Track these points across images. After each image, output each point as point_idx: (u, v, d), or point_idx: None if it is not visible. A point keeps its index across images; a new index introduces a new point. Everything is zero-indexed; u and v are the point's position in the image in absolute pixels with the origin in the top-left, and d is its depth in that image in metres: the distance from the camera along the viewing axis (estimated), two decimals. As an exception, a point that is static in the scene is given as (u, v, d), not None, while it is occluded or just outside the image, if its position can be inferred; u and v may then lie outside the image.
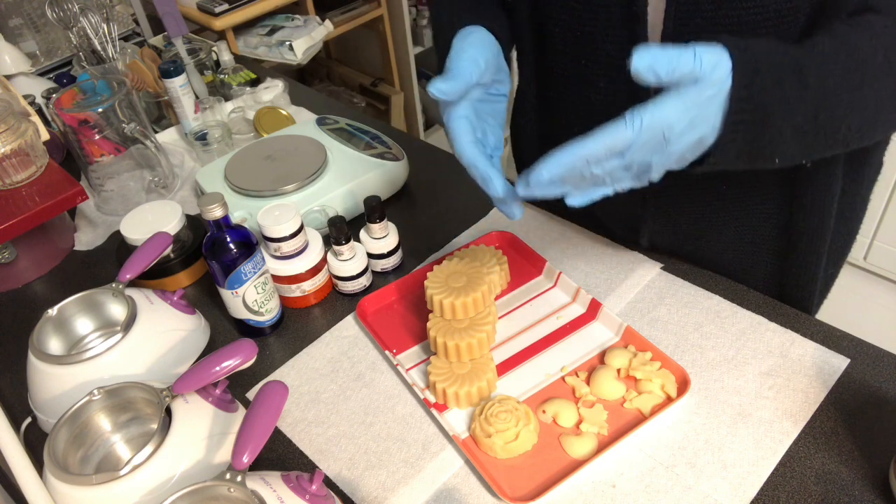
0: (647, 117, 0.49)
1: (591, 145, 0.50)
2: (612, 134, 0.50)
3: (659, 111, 0.49)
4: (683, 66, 0.48)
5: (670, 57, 0.48)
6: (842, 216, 0.78)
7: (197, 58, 1.24)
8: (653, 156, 0.51)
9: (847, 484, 0.60)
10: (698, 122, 0.50)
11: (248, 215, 0.90)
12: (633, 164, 0.52)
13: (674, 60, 0.48)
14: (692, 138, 0.51)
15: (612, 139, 0.50)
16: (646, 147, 0.50)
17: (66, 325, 0.76)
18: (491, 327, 0.71)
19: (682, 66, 0.48)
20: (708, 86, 0.49)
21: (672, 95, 0.49)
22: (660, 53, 0.47)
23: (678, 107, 0.49)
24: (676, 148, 0.51)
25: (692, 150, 0.52)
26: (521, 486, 0.62)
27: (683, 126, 0.49)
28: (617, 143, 0.50)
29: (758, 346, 0.72)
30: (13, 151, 0.89)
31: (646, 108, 0.49)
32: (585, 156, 0.51)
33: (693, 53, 0.48)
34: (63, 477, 0.58)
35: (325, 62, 2.70)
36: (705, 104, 0.49)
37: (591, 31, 0.66)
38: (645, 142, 0.50)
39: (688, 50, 0.48)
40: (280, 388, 0.58)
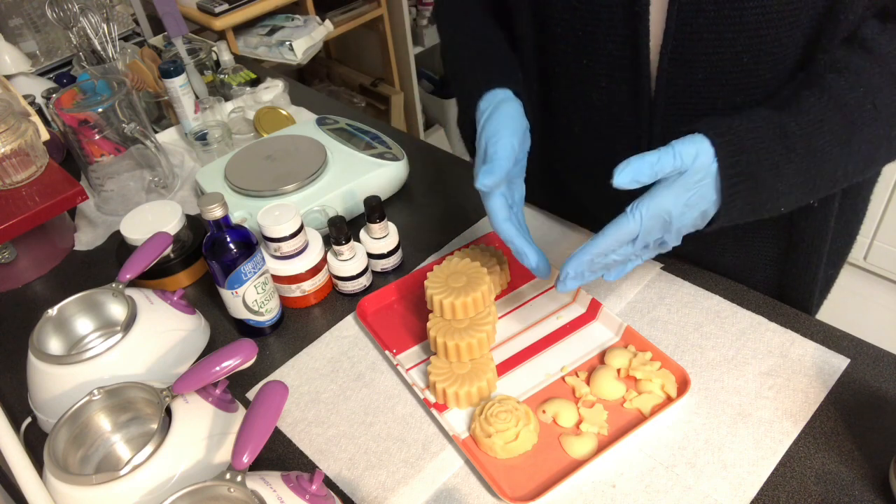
0: (646, 209, 0.57)
1: (604, 242, 0.59)
2: (619, 229, 0.58)
3: (655, 202, 0.56)
4: (665, 167, 0.55)
5: (651, 163, 0.54)
6: (842, 216, 0.78)
7: (197, 58, 1.24)
8: (663, 234, 0.59)
9: (847, 484, 0.60)
10: (695, 202, 0.57)
11: (248, 215, 0.90)
12: (648, 243, 0.60)
13: (655, 165, 0.54)
14: (693, 215, 0.58)
15: (620, 234, 0.58)
16: (653, 231, 0.58)
17: (66, 325, 0.76)
18: (491, 327, 0.71)
19: (663, 168, 0.55)
20: (694, 173, 0.56)
21: (664, 186, 0.56)
22: (639, 164, 0.54)
23: (672, 195, 0.56)
24: (681, 225, 0.58)
25: (698, 222, 0.59)
26: (521, 486, 0.62)
27: (681, 208, 0.57)
28: (625, 236, 0.58)
29: (758, 346, 0.72)
30: (13, 151, 0.89)
31: (643, 201, 0.57)
32: (600, 252, 0.60)
33: (672, 153, 0.55)
34: (63, 477, 0.58)
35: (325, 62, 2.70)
36: (696, 187, 0.56)
37: (592, 30, 0.66)
38: (650, 228, 0.58)
39: (666, 151, 0.55)
40: (280, 388, 0.58)
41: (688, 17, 0.60)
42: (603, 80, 0.69)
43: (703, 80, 0.64)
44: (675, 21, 0.60)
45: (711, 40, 0.60)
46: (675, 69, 0.64)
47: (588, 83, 0.71)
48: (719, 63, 0.62)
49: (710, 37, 0.60)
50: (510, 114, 0.67)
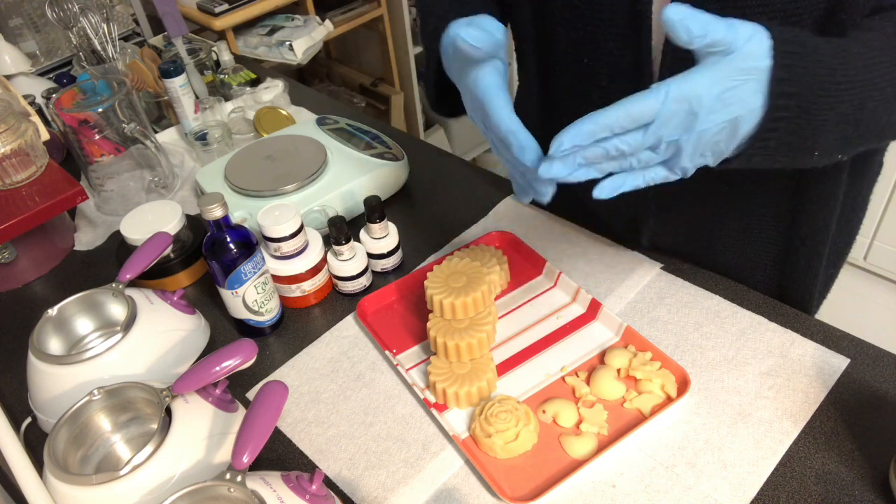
0: (675, 87, 0.46)
1: (614, 112, 0.47)
2: (636, 102, 0.47)
3: (687, 81, 0.46)
4: (716, 31, 0.45)
5: (705, 19, 0.45)
6: (843, 216, 0.78)
7: (197, 58, 1.24)
8: (681, 134, 0.48)
9: (847, 484, 0.60)
10: (731, 100, 0.47)
11: (248, 215, 0.90)
12: (661, 142, 0.48)
13: (708, 23, 0.45)
14: (724, 117, 0.47)
15: (635, 107, 0.47)
16: (673, 121, 0.47)
17: (66, 325, 0.76)
18: (491, 327, 0.71)
19: (715, 31, 0.45)
20: (741, 58, 0.46)
21: (702, 66, 0.46)
22: (695, 12, 0.45)
23: (708, 78, 0.46)
24: (706, 126, 0.47)
25: (726, 135, 0.49)
26: (521, 486, 0.62)
27: (713, 100, 0.46)
28: (641, 111, 0.47)
29: (758, 346, 0.72)
30: (13, 151, 0.89)
31: (674, 79, 0.46)
32: (607, 124, 0.48)
33: (727, 22, 0.46)
34: (63, 477, 0.58)
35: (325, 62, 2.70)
36: (739, 79, 0.46)
37: (594, 29, 0.66)
38: (671, 114, 0.47)
39: (722, 19, 0.46)
40: (280, 388, 0.58)
41: None
42: (604, 79, 0.69)
43: None
44: None
45: None
46: (676, 69, 0.63)
47: (589, 83, 0.71)
48: None
49: None
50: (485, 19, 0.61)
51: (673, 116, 0.47)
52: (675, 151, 0.49)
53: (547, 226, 0.91)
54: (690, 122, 0.47)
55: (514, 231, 0.89)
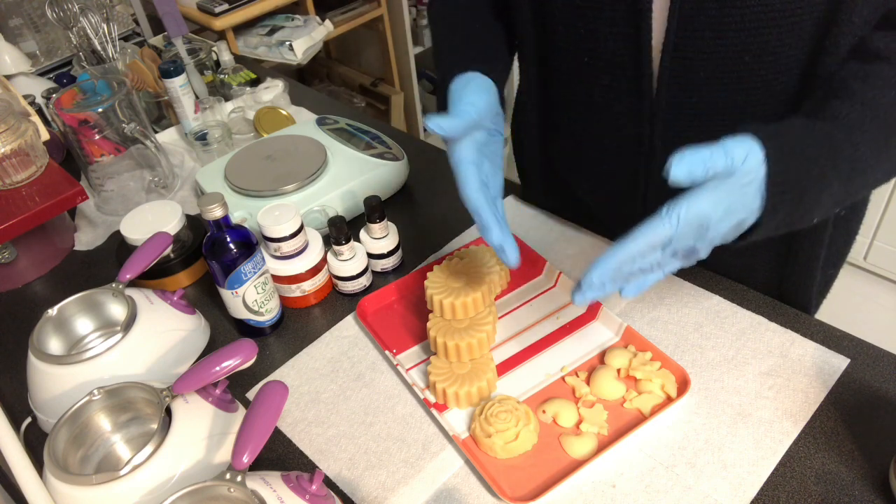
0: (685, 212, 0.51)
1: (634, 245, 0.53)
2: (652, 231, 0.52)
3: (695, 205, 0.51)
4: (717, 164, 0.50)
5: (704, 158, 0.49)
6: (843, 216, 0.78)
7: (197, 58, 1.24)
8: (695, 242, 0.53)
9: (847, 484, 0.60)
10: (735, 209, 0.52)
11: (248, 215, 0.90)
12: (677, 251, 0.54)
13: (707, 162, 0.49)
14: (731, 223, 0.53)
15: (653, 236, 0.52)
16: (686, 237, 0.52)
17: (66, 325, 0.76)
18: (491, 327, 0.71)
19: (715, 166, 0.50)
20: (741, 176, 0.51)
21: (707, 188, 0.51)
22: (694, 158, 0.49)
23: (713, 198, 0.51)
24: (716, 233, 0.53)
25: (732, 232, 0.54)
26: (521, 486, 0.62)
27: (720, 214, 0.51)
28: (658, 239, 0.52)
29: (758, 346, 0.72)
30: (13, 151, 0.89)
31: (682, 203, 0.51)
32: (630, 255, 0.54)
33: (724, 151, 0.50)
34: (63, 477, 0.58)
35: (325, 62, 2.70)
36: (740, 192, 0.51)
37: (594, 28, 0.66)
38: (684, 234, 0.52)
39: (718, 148, 0.50)
40: (280, 388, 0.58)
41: (690, 15, 0.60)
42: (604, 78, 0.69)
43: (704, 79, 0.64)
44: (677, 19, 0.60)
45: (713, 39, 0.60)
46: (676, 67, 0.64)
47: (589, 81, 0.71)
48: (721, 62, 0.62)
49: (711, 35, 0.60)
50: (477, 84, 0.65)
51: (686, 234, 0.52)
52: (690, 252, 0.55)
53: (547, 226, 0.91)
54: (702, 233, 0.52)
55: (515, 231, 0.89)
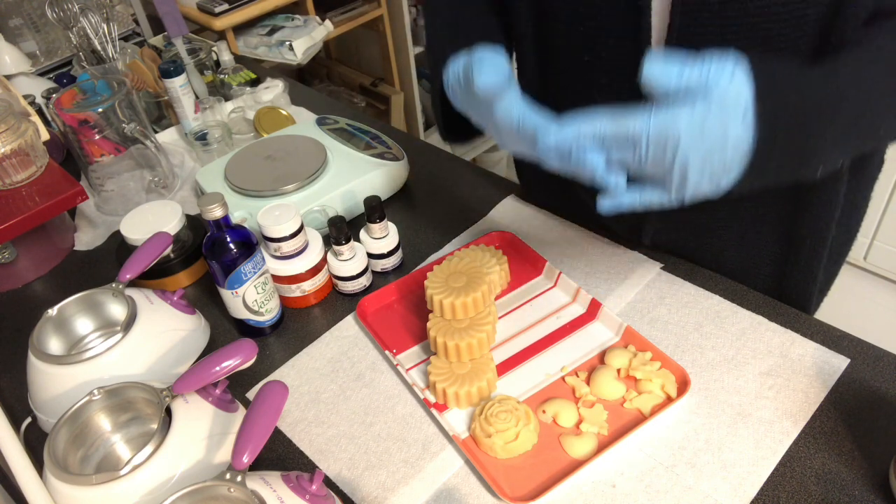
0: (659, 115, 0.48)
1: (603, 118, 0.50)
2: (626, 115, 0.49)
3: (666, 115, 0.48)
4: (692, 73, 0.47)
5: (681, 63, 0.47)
6: (843, 214, 0.78)
7: (197, 58, 1.24)
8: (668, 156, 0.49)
9: (847, 484, 0.60)
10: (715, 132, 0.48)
11: (248, 215, 0.90)
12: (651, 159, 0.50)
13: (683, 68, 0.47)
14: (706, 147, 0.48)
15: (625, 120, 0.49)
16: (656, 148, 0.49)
17: (66, 325, 0.76)
18: (491, 327, 0.71)
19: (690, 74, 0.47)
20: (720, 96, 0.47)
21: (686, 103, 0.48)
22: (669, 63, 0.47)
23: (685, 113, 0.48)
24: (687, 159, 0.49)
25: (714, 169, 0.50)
26: (521, 486, 0.62)
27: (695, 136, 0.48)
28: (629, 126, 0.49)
29: (758, 346, 0.72)
30: (13, 151, 0.89)
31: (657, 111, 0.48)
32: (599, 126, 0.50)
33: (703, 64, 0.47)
34: (63, 477, 0.58)
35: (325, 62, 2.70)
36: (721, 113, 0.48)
37: (593, 26, 0.66)
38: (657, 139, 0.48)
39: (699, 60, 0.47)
40: (280, 388, 0.58)
41: (691, 12, 0.60)
42: (604, 77, 0.69)
43: None
44: (678, 16, 0.60)
45: (715, 36, 0.60)
46: None
47: (588, 80, 0.71)
48: None
49: (713, 32, 0.60)
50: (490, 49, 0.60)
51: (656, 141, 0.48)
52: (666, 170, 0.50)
53: (547, 226, 0.91)
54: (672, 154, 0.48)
55: (515, 231, 0.89)
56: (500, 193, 0.98)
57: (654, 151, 0.49)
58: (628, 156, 0.50)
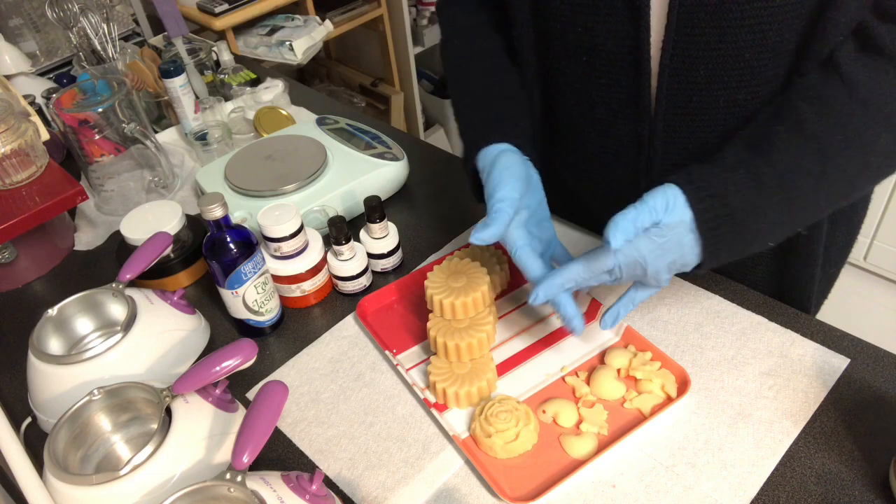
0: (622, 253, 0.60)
1: (576, 270, 0.63)
2: (596, 260, 0.62)
3: (631, 246, 0.60)
4: (643, 220, 0.59)
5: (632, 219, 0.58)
6: (843, 215, 0.78)
7: (197, 58, 1.24)
8: (641, 276, 0.63)
9: (847, 484, 0.60)
10: (670, 247, 0.60)
11: (248, 215, 0.90)
12: (624, 278, 0.63)
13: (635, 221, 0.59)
14: (668, 260, 0.61)
15: (596, 265, 0.62)
16: (632, 272, 0.62)
17: (66, 325, 0.76)
18: (491, 327, 0.71)
19: (642, 222, 0.59)
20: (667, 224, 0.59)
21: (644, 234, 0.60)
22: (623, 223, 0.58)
23: (646, 242, 0.60)
24: (657, 269, 0.61)
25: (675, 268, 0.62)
26: (521, 486, 0.62)
27: (655, 254, 0.60)
28: (600, 268, 0.62)
29: (758, 346, 0.72)
30: (13, 151, 0.89)
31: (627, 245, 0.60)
32: (575, 278, 0.63)
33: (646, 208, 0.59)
34: (63, 477, 0.58)
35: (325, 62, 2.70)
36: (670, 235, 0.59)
37: (592, 26, 0.66)
38: (628, 268, 0.61)
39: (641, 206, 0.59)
40: (280, 388, 0.58)
41: (690, 12, 0.60)
42: (603, 77, 0.69)
43: (704, 77, 0.64)
44: (676, 16, 0.60)
45: (714, 35, 0.60)
46: (676, 66, 0.64)
47: (588, 81, 0.71)
48: (721, 59, 0.62)
49: (712, 31, 0.60)
50: (506, 165, 0.67)
51: (630, 270, 0.62)
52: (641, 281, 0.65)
53: (547, 226, 0.91)
54: (643, 270, 0.62)
55: (514, 231, 0.89)
56: (500, 193, 0.97)
57: (627, 272, 0.62)
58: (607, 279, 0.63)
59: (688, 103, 0.66)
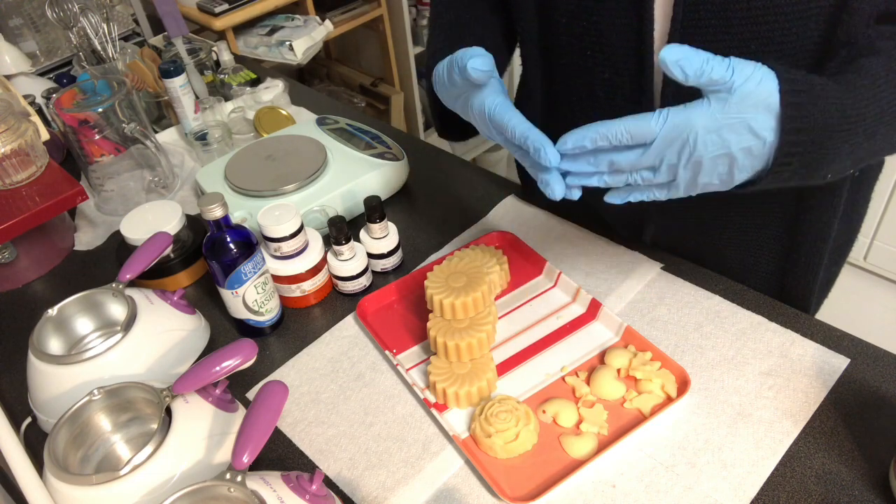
0: (673, 114, 0.49)
1: (615, 125, 0.51)
2: (637, 120, 0.50)
3: (686, 111, 0.49)
4: (715, 71, 0.47)
5: (702, 59, 0.47)
6: (844, 214, 0.78)
7: (197, 58, 1.24)
8: (679, 159, 0.51)
9: (847, 484, 0.60)
10: (730, 135, 0.49)
11: (248, 215, 0.90)
12: (661, 165, 0.52)
13: (705, 64, 0.47)
14: (718, 150, 0.50)
15: (637, 125, 0.50)
16: (669, 147, 0.50)
17: (66, 325, 0.76)
18: (491, 327, 0.71)
19: (711, 71, 0.47)
20: (741, 97, 0.48)
21: (706, 102, 0.49)
22: (691, 52, 0.47)
23: (706, 112, 0.49)
24: (701, 157, 0.50)
25: (723, 169, 0.51)
26: (521, 486, 0.62)
27: (708, 132, 0.49)
28: (641, 130, 0.50)
29: (758, 346, 0.72)
30: (13, 151, 0.89)
31: (676, 108, 0.50)
32: (607, 133, 0.51)
33: (728, 63, 0.48)
34: (63, 477, 0.58)
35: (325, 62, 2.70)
36: (738, 117, 0.49)
37: (597, 20, 0.66)
38: (668, 140, 0.50)
39: (723, 59, 0.48)
40: (280, 388, 0.58)
41: (694, 6, 0.60)
42: (606, 71, 0.69)
43: None
44: (682, 8, 0.60)
45: (719, 28, 0.60)
46: None
47: (591, 74, 0.71)
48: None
49: (717, 24, 0.60)
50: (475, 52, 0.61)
51: (670, 143, 0.50)
52: (673, 177, 0.53)
53: (547, 226, 0.91)
54: (687, 151, 0.50)
55: (514, 231, 0.89)
56: (500, 193, 0.98)
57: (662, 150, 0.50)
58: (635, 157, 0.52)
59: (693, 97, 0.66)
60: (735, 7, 0.58)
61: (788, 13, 0.58)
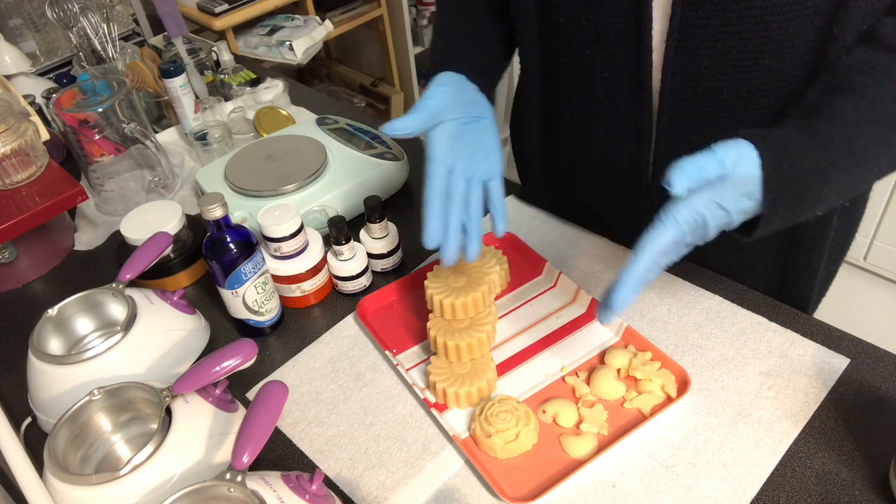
0: (682, 213, 0.54)
1: (647, 257, 0.55)
2: (658, 239, 0.55)
3: (692, 204, 0.54)
4: (711, 172, 0.53)
5: (699, 167, 0.52)
6: (844, 212, 0.78)
7: (197, 58, 1.24)
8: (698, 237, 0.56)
9: (847, 484, 0.60)
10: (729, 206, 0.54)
11: (248, 215, 0.90)
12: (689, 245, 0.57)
13: (702, 171, 0.52)
14: (722, 220, 0.55)
15: (660, 243, 0.55)
16: (693, 234, 0.55)
17: (66, 325, 0.76)
18: (491, 327, 0.71)
19: (709, 174, 0.53)
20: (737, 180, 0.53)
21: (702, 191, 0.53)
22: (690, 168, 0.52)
23: (707, 198, 0.53)
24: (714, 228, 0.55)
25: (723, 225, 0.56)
26: (521, 486, 0.62)
27: (717, 212, 0.54)
28: (664, 244, 0.55)
29: (758, 346, 0.72)
30: (13, 151, 0.89)
31: (677, 206, 0.54)
32: (646, 268, 0.56)
33: (717, 159, 0.53)
34: (63, 477, 0.58)
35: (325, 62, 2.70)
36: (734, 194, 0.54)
37: (596, 19, 0.66)
38: (688, 231, 0.55)
39: (711, 156, 0.53)
40: (280, 388, 0.58)
41: (693, 5, 0.60)
42: (605, 70, 0.69)
43: (708, 70, 0.63)
44: (681, 7, 0.60)
45: (717, 26, 0.60)
46: (680, 57, 0.64)
47: (590, 74, 0.71)
48: (725, 51, 0.62)
49: (716, 23, 0.60)
50: (440, 80, 0.68)
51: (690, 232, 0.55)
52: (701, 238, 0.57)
53: (547, 226, 0.91)
54: (703, 231, 0.55)
55: (514, 231, 0.89)
56: (500, 193, 0.97)
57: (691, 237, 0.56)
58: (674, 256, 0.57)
59: (692, 95, 0.66)
60: (733, 6, 0.58)
61: (786, 11, 0.58)
